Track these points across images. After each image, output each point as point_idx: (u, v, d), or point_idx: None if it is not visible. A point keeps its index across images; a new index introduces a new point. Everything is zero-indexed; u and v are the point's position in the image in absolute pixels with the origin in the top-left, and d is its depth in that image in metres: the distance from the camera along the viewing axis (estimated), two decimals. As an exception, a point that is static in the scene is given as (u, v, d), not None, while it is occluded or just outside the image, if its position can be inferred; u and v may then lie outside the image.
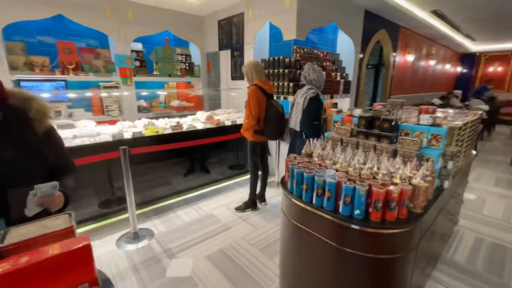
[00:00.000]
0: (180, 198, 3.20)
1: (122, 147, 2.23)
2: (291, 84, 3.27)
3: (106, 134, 2.59)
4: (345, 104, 4.34)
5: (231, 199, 3.20)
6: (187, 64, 4.89)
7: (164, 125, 3.04)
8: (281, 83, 3.38)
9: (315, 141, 1.70)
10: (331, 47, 4.76)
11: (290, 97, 3.27)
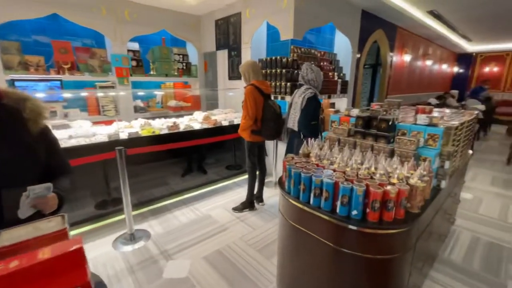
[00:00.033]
0: (177, 199, 3.18)
1: (118, 148, 2.21)
2: (289, 84, 3.26)
3: (102, 135, 2.56)
4: (343, 104, 4.35)
5: (229, 200, 3.19)
6: (184, 64, 4.87)
7: (161, 125, 3.02)
8: (279, 83, 3.38)
9: (313, 141, 1.69)
10: (329, 47, 4.76)
11: (288, 97, 3.27)
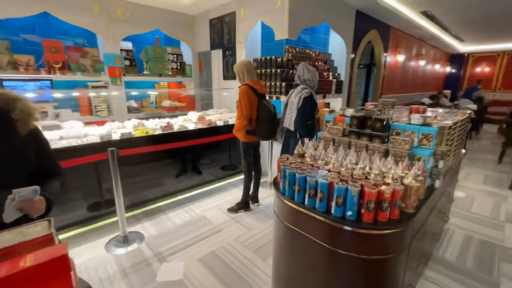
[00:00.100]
0: (171, 200, 3.14)
1: (110, 149, 2.17)
2: (284, 84, 3.25)
3: (94, 135, 2.52)
4: (337, 104, 4.36)
5: (224, 200, 3.16)
6: (179, 64, 4.83)
7: (154, 126, 2.98)
8: (273, 83, 3.37)
9: (308, 141, 1.68)
10: (323, 47, 4.77)
11: (283, 97, 3.26)
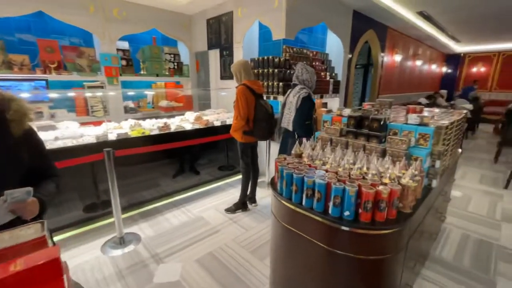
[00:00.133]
0: (169, 201, 3.12)
1: (106, 149, 2.15)
2: (281, 84, 3.25)
3: (90, 136, 2.49)
4: (335, 104, 4.37)
5: (221, 201, 3.15)
6: (176, 64, 4.80)
7: (151, 126, 2.96)
8: (271, 83, 3.36)
9: (305, 141, 1.68)
10: (321, 47, 4.78)
11: (280, 97, 3.25)
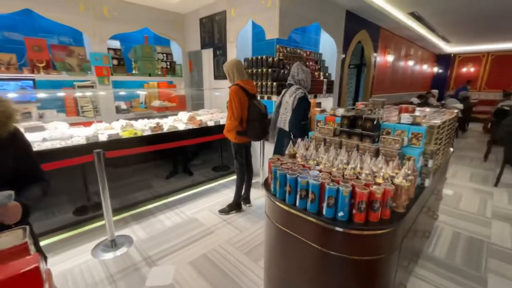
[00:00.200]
0: (161, 202, 3.08)
1: (96, 150, 2.10)
2: (275, 84, 3.23)
3: (80, 137, 2.44)
4: (329, 104, 4.38)
5: (215, 202, 3.12)
6: (168, 63, 4.74)
7: (143, 126, 2.91)
8: (265, 83, 3.34)
9: (299, 141, 1.66)
10: (314, 47, 4.78)
11: (274, 97, 3.24)
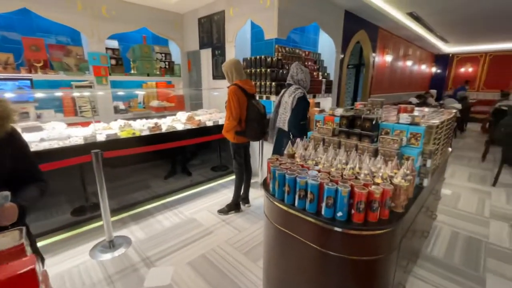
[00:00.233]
0: (160, 202, 3.07)
1: (94, 151, 2.09)
2: (274, 84, 3.23)
3: (78, 137, 2.42)
4: (327, 104, 4.38)
5: (214, 202, 3.11)
6: (167, 63, 4.73)
7: (142, 127, 2.90)
8: (263, 83, 3.34)
9: (298, 141, 1.66)
10: (313, 47, 4.78)
11: (273, 97, 3.24)
